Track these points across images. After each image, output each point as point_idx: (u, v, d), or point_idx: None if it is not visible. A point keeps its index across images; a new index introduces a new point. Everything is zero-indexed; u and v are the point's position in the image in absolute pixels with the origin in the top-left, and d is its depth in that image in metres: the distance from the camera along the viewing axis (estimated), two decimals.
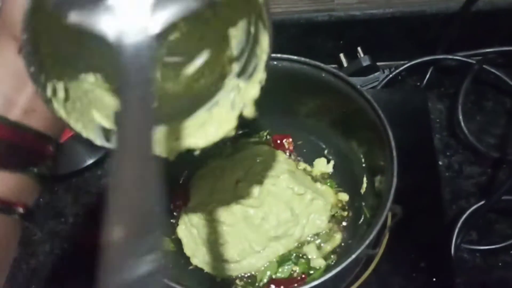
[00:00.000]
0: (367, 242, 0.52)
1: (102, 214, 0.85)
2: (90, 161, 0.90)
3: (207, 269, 0.66)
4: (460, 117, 0.83)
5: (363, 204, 0.69)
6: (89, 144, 0.92)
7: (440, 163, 0.84)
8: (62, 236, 0.86)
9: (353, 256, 0.51)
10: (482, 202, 0.73)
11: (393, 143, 0.57)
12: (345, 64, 0.95)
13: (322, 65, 0.66)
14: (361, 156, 0.70)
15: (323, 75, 0.66)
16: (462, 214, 0.74)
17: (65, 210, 0.88)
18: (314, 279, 0.49)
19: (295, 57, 0.67)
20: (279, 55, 0.68)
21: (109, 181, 0.28)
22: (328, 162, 0.76)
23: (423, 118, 0.80)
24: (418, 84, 0.94)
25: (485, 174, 0.82)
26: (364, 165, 0.70)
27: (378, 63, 0.94)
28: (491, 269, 0.73)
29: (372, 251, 0.56)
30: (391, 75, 0.92)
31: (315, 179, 0.74)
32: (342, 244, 0.67)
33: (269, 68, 0.41)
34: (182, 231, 0.69)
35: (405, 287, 0.65)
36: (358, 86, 0.63)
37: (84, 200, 0.89)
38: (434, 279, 0.65)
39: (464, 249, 0.74)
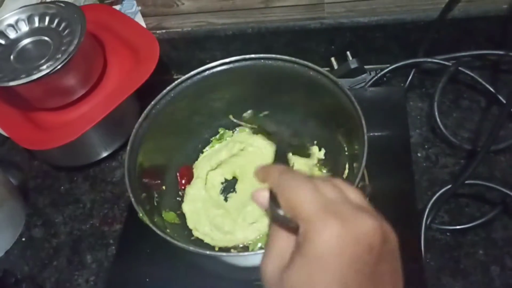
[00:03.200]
0: None
1: (115, 201, 0.95)
2: (105, 153, 0.99)
3: (206, 240, 0.76)
4: (436, 113, 0.92)
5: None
6: (104, 138, 1.03)
7: (419, 154, 0.93)
8: (81, 219, 0.94)
9: None
10: (449, 186, 0.82)
11: (365, 129, 0.67)
12: (335, 67, 1.06)
13: (309, 64, 0.77)
14: (344, 145, 0.80)
15: (311, 73, 0.76)
16: (432, 197, 0.83)
17: (83, 196, 0.97)
18: None
19: (286, 57, 0.77)
20: (274, 56, 0.79)
21: None
22: (320, 150, 0.85)
23: (401, 113, 0.90)
24: (402, 85, 1.03)
25: (458, 164, 0.91)
26: (346, 153, 0.80)
27: (366, 66, 1.04)
28: (460, 246, 0.81)
29: None
30: (376, 77, 1.02)
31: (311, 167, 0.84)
32: None
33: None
34: (186, 205, 0.79)
35: None
36: (340, 83, 0.73)
37: (100, 187, 0.98)
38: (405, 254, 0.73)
39: (436, 229, 0.83)
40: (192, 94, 0.80)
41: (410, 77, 1.03)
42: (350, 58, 1.04)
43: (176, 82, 0.79)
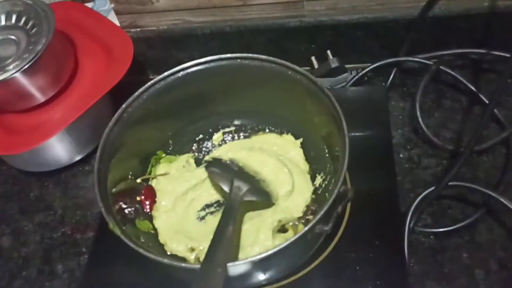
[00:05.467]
0: (318, 217, 0.59)
1: (88, 207, 0.91)
2: (78, 157, 0.95)
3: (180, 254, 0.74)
4: (418, 113, 0.90)
5: (326, 194, 0.76)
6: (77, 141, 0.99)
7: (401, 155, 0.91)
8: (52, 227, 0.90)
9: (306, 229, 0.58)
10: (432, 188, 0.80)
11: (346, 131, 0.64)
12: (316, 66, 1.03)
13: (287, 63, 0.74)
14: (325, 147, 0.78)
15: (290, 73, 0.73)
16: (415, 199, 0.81)
17: (54, 203, 0.93)
18: None
19: (264, 56, 0.74)
20: (250, 55, 0.76)
21: None
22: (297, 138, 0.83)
23: (383, 112, 0.88)
24: (383, 84, 1.01)
25: (440, 165, 0.90)
26: (327, 155, 0.77)
27: (347, 65, 1.02)
28: (444, 249, 0.80)
29: (324, 227, 0.63)
30: (357, 76, 1.00)
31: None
32: None
33: None
34: (157, 220, 0.76)
35: (362, 264, 0.72)
36: (319, 83, 0.70)
37: (72, 193, 0.94)
38: (389, 259, 0.72)
39: (419, 232, 0.81)
40: (166, 96, 0.76)
41: (391, 76, 1.01)
42: (331, 57, 1.01)
43: (148, 83, 0.76)
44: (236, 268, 0.58)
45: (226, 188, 0.72)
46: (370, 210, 0.74)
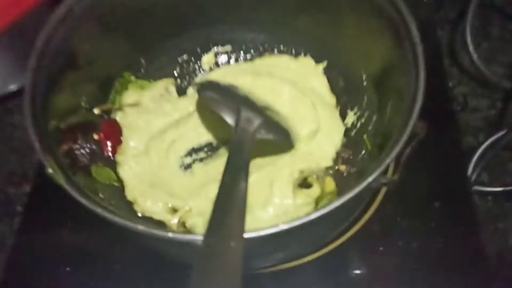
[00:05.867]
0: (387, 160, 0.37)
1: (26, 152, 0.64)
2: (13, 86, 0.74)
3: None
4: (469, 41, 0.69)
5: (364, 136, 0.55)
6: (10, 63, 0.74)
7: None
8: None
9: (369, 179, 0.37)
10: (500, 134, 0.60)
11: (416, 38, 0.43)
12: None
13: None
14: (362, 71, 0.56)
15: None
16: (475, 150, 0.62)
17: None
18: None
19: None
20: None
21: None
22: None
23: (430, 35, 0.67)
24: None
25: (493, 107, 0.70)
26: (365, 83, 0.55)
27: None
28: (506, 215, 0.61)
29: (388, 178, 0.42)
30: None
31: None
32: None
33: None
34: (123, 170, 0.53)
35: (415, 231, 0.52)
36: None
37: (4, 134, 0.75)
38: (452, 224, 0.52)
39: (473, 191, 0.62)
40: None
41: None
42: None
43: None
44: (256, 240, 0.36)
45: (230, 120, 0.49)
46: (421, 161, 0.53)
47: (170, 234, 0.35)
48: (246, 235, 0.35)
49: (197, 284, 0.30)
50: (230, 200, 0.38)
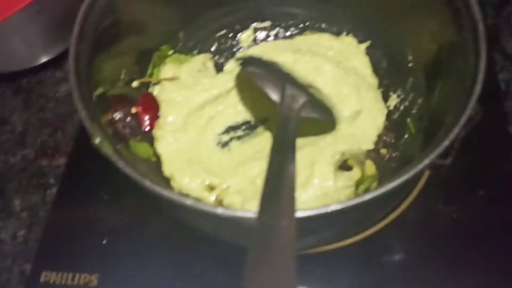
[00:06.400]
0: (446, 142, 0.36)
1: (60, 124, 0.63)
2: (45, 58, 0.74)
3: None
4: None
5: (408, 119, 0.53)
6: (43, 35, 0.73)
7: None
8: (7, 148, 0.71)
9: (426, 161, 0.36)
10: None
11: (478, 14, 0.40)
12: None
13: None
14: (409, 52, 0.54)
15: None
16: None
17: (12, 116, 0.73)
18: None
19: None
20: None
21: None
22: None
23: None
24: None
25: None
26: (411, 64, 0.53)
27: None
28: None
29: (442, 161, 0.40)
30: None
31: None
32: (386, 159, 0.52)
33: None
34: (161, 145, 0.52)
35: (458, 219, 0.51)
36: None
37: (37, 105, 0.75)
38: (497, 213, 0.50)
39: None
40: None
41: None
42: None
43: None
44: (304, 220, 0.35)
45: (274, 97, 0.47)
46: (467, 147, 0.51)
47: (219, 210, 0.35)
48: (297, 214, 0.34)
49: (252, 262, 0.29)
50: (279, 178, 0.37)
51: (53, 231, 0.57)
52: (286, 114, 0.45)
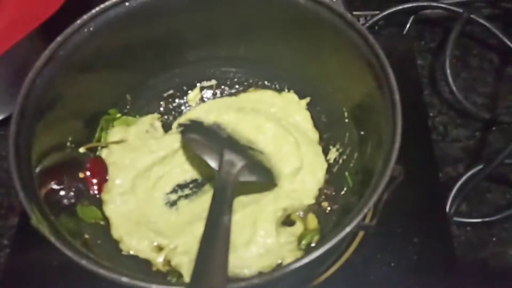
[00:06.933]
0: (365, 210, 0.39)
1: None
2: (0, 117, 0.74)
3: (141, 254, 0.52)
4: (448, 71, 0.71)
5: (346, 173, 0.56)
6: (2, 93, 0.74)
7: None
8: None
9: (347, 229, 0.38)
10: (479, 167, 0.62)
11: (394, 85, 0.44)
12: None
13: None
14: (344, 109, 0.57)
15: (300, 1, 0.52)
16: (454, 182, 0.63)
17: None
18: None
19: None
20: None
21: None
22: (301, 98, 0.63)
23: (410, 68, 0.69)
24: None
25: (473, 137, 0.72)
26: (347, 119, 0.57)
27: (354, 12, 0.81)
28: (484, 245, 0.62)
29: (366, 223, 0.43)
30: (367, 25, 0.79)
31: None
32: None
33: None
34: (109, 207, 0.54)
35: (395, 266, 0.53)
36: (348, 15, 0.49)
37: None
38: (431, 258, 0.53)
39: (453, 222, 0.63)
40: (123, 32, 0.53)
41: (408, 26, 0.81)
42: None
43: (96, 9, 0.53)
44: None
45: (213, 164, 0.50)
46: (402, 195, 0.55)
47: (153, 286, 0.36)
48: (230, 286, 0.36)
49: None
50: (214, 247, 0.39)
51: None
52: (224, 179, 0.47)
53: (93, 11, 0.53)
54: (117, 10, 0.54)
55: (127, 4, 0.54)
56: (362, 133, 0.54)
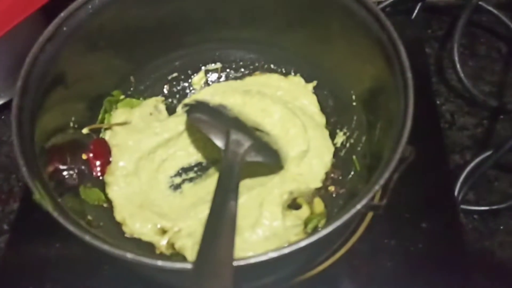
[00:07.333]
0: (376, 187, 0.38)
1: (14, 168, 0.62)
2: (1, 101, 0.74)
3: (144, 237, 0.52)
4: (456, 59, 0.70)
5: (354, 157, 0.55)
6: (3, 77, 0.73)
7: None
8: None
9: (358, 207, 0.37)
10: (487, 154, 0.61)
11: (406, 63, 0.43)
12: None
13: None
14: (352, 92, 0.56)
15: None
16: (462, 169, 0.62)
17: None
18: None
19: None
20: None
21: None
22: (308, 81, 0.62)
23: (419, 54, 0.68)
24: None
25: (480, 125, 0.71)
26: (354, 103, 0.56)
27: None
28: (492, 233, 0.62)
29: (376, 203, 0.42)
30: None
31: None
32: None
33: None
34: (112, 190, 0.53)
35: (403, 252, 0.52)
36: None
37: None
38: (439, 244, 0.52)
39: (460, 210, 0.62)
40: (126, 11, 0.52)
41: (415, 13, 0.80)
42: None
43: None
44: (244, 267, 0.36)
45: (219, 143, 0.49)
46: (408, 181, 0.53)
47: (159, 262, 0.35)
48: (235, 263, 0.35)
49: None
50: (219, 226, 0.38)
51: (4, 276, 0.57)
52: (230, 159, 0.46)
53: None
54: None
55: None
56: (370, 116, 0.53)
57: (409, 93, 0.42)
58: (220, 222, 0.39)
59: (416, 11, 0.80)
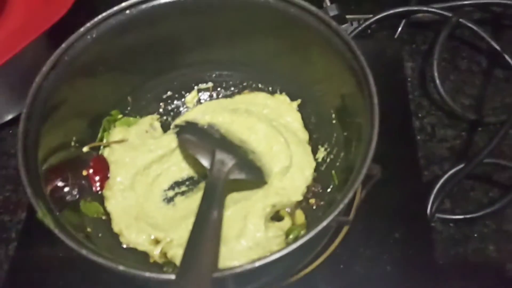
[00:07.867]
0: (341, 206, 0.42)
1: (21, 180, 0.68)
2: (9, 117, 0.78)
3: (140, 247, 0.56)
4: (436, 74, 0.74)
5: (333, 171, 0.59)
6: (7, 95, 0.78)
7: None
8: None
9: (324, 223, 0.41)
10: (461, 166, 0.65)
11: (373, 88, 0.47)
12: None
13: None
14: (332, 111, 0.60)
15: (291, 10, 0.55)
16: (437, 180, 0.66)
17: None
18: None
19: None
20: None
21: None
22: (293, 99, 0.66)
23: (397, 71, 0.72)
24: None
25: (459, 137, 0.75)
26: (334, 121, 0.60)
27: (348, 16, 0.84)
28: (466, 240, 0.66)
29: (344, 218, 0.46)
30: (360, 28, 0.82)
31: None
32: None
33: None
34: (110, 202, 0.57)
35: (377, 260, 0.57)
36: (333, 23, 0.52)
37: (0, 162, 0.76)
38: (411, 252, 0.56)
39: (437, 219, 0.66)
40: (124, 37, 0.57)
41: (399, 29, 0.84)
42: (328, 3, 0.82)
43: (99, 17, 0.56)
44: (226, 278, 0.40)
45: (205, 163, 0.54)
46: (385, 193, 0.58)
47: (146, 274, 0.40)
48: (216, 274, 0.40)
49: None
50: (202, 239, 0.43)
51: (12, 284, 0.61)
52: (214, 177, 0.51)
53: (96, 19, 0.56)
54: (118, 18, 0.57)
55: (127, 12, 0.57)
56: (346, 133, 0.58)
57: (375, 118, 0.46)
58: (202, 234, 0.43)
59: (400, 27, 0.84)
